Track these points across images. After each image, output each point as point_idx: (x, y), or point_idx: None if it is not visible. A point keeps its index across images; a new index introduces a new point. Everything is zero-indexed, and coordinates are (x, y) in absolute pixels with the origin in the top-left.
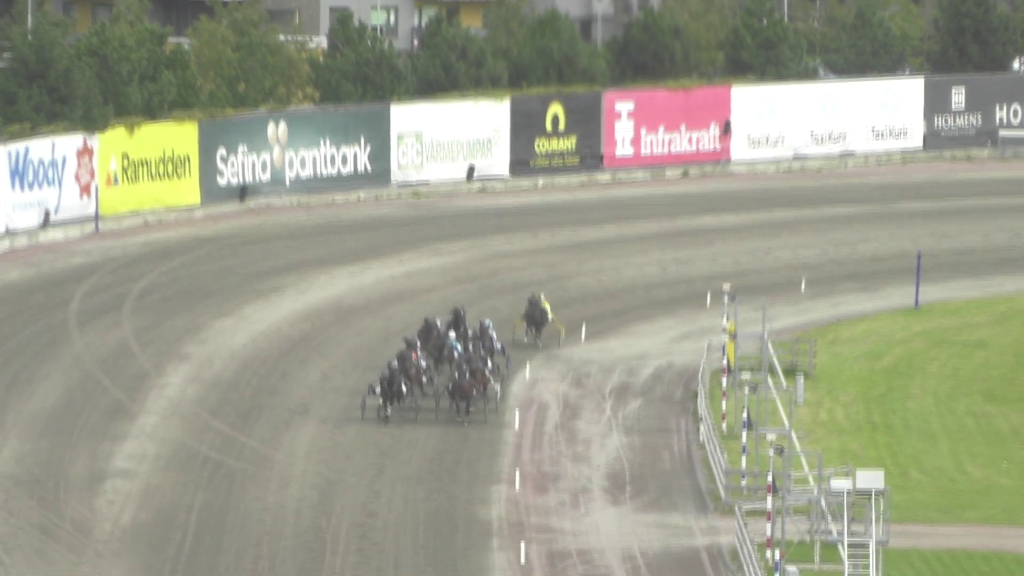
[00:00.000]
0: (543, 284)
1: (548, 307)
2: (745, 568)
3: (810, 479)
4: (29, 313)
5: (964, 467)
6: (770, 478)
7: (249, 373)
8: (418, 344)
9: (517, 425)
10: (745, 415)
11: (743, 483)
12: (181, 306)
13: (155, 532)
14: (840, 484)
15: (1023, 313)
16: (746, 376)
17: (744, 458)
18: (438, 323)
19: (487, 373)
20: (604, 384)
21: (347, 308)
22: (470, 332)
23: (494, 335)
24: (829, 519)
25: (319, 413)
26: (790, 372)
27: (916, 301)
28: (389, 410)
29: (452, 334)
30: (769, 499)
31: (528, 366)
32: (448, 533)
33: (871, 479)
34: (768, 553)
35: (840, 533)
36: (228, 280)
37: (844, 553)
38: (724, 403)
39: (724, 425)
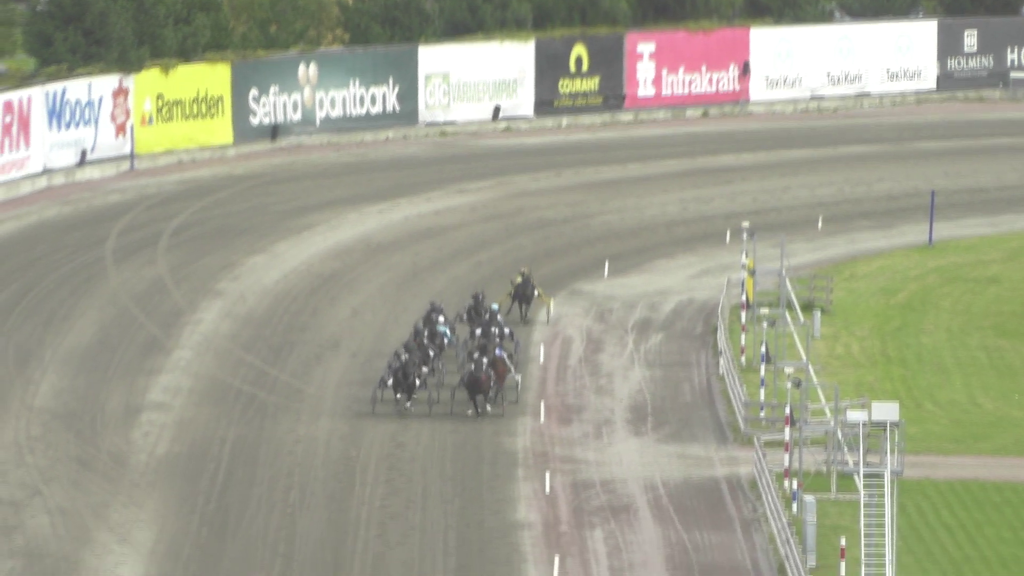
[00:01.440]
0: (567, 222)
1: (534, 281)
2: (763, 497)
3: (827, 411)
4: (66, 250)
5: (977, 399)
6: (788, 410)
7: (281, 309)
8: (424, 332)
9: (542, 359)
10: (763, 349)
11: (761, 415)
12: (214, 243)
13: (189, 464)
14: (856, 416)
15: None
16: (764, 311)
17: (762, 390)
18: (442, 307)
19: (507, 362)
20: (626, 319)
21: (376, 245)
22: (486, 316)
23: (501, 320)
24: (845, 450)
25: (349, 348)
26: (807, 307)
27: (930, 238)
28: (408, 403)
29: (441, 319)
30: (787, 430)
31: (552, 302)
32: (475, 464)
33: (886, 411)
34: (786, 483)
35: (856, 464)
36: (260, 218)
37: (860, 483)
38: (743, 337)
39: (743, 358)
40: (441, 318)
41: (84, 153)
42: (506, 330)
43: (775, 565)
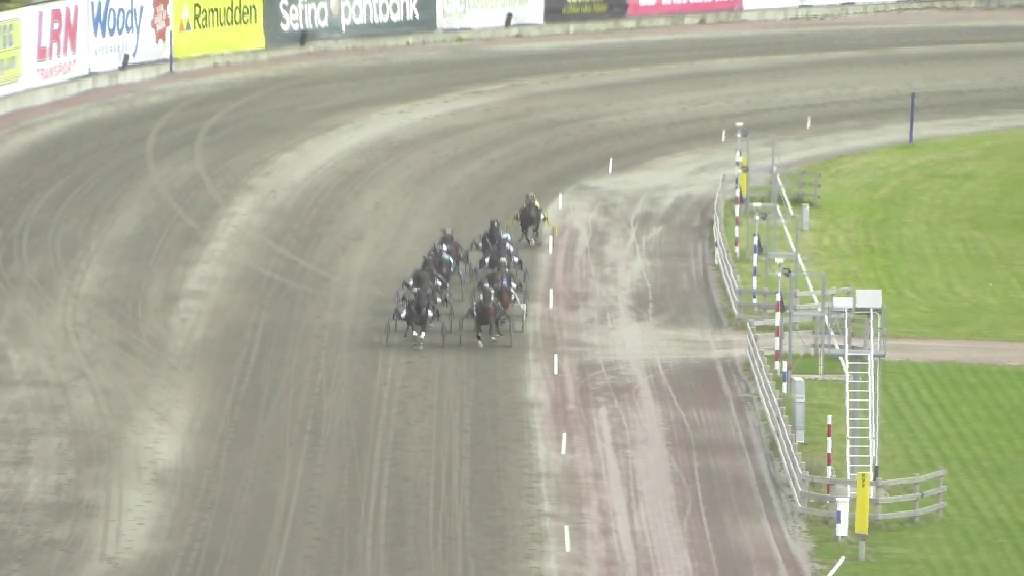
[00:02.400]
0: (574, 122)
1: (539, 205)
2: (756, 378)
3: (814, 298)
4: (109, 148)
5: (954, 287)
6: (778, 297)
7: (309, 203)
8: (432, 262)
9: (551, 250)
10: (756, 240)
11: (754, 302)
12: (247, 142)
13: (224, 347)
14: (841, 302)
15: (1007, 148)
16: (757, 205)
17: (755, 279)
18: (452, 234)
19: (513, 292)
20: (629, 213)
21: (397, 143)
22: (494, 245)
23: (511, 248)
24: (831, 334)
25: (372, 239)
26: (796, 201)
27: (910, 137)
28: (420, 335)
29: (444, 247)
30: (777, 316)
31: (560, 197)
32: (488, 347)
33: (870, 298)
34: (776, 364)
35: (841, 347)
36: (290, 118)
37: (845, 365)
38: (737, 229)
39: (737, 249)
40: (444, 246)
41: (126, 57)
42: (515, 259)
43: (766, 441)
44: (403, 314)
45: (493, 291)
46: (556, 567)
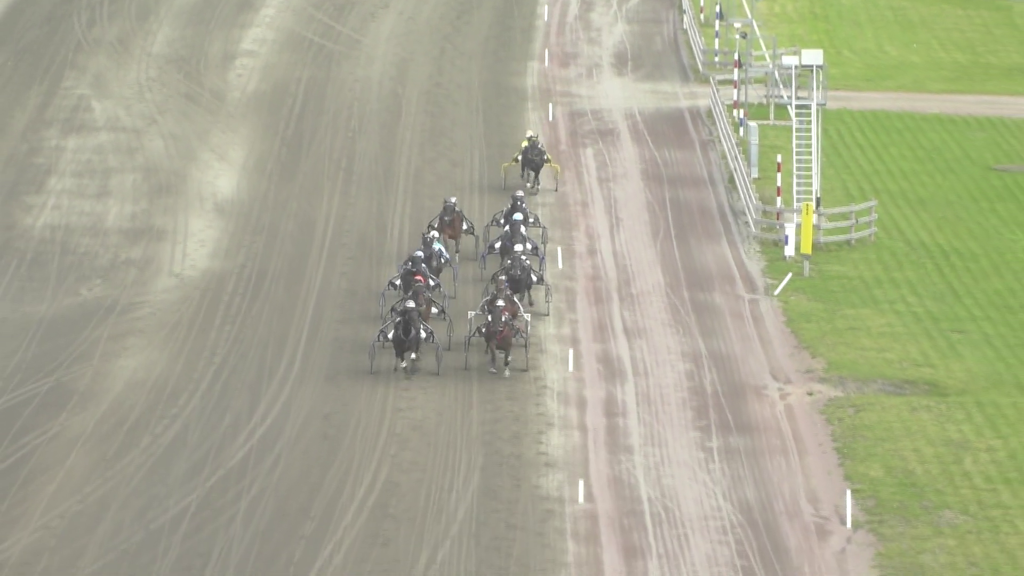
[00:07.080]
0: None
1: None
2: (717, 124)
3: (766, 56)
4: None
5: (884, 47)
6: (736, 56)
7: None
8: (422, 259)
9: (545, 17)
10: (718, 8)
11: (716, 60)
12: None
13: (273, 99)
14: (789, 60)
15: None
16: None
17: (717, 41)
18: (455, 205)
19: (516, 301)
20: None
21: None
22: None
23: (524, 230)
24: (781, 87)
25: (397, 7)
26: None
27: None
28: (411, 361)
29: (435, 234)
30: (735, 72)
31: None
32: (494, 96)
33: (813, 56)
34: (734, 112)
35: (789, 97)
36: None
37: (792, 112)
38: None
39: (702, 16)
40: (435, 233)
41: None
42: (528, 245)
43: (726, 176)
44: (390, 335)
45: (502, 304)
46: (551, 281)
